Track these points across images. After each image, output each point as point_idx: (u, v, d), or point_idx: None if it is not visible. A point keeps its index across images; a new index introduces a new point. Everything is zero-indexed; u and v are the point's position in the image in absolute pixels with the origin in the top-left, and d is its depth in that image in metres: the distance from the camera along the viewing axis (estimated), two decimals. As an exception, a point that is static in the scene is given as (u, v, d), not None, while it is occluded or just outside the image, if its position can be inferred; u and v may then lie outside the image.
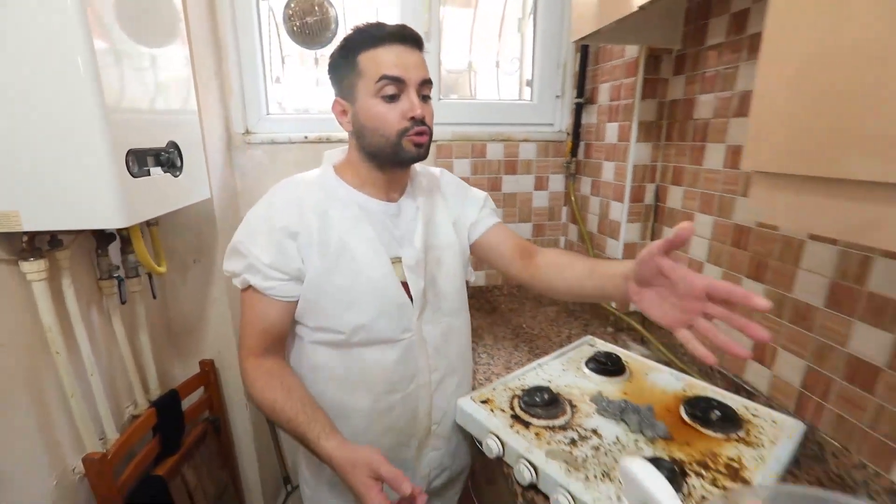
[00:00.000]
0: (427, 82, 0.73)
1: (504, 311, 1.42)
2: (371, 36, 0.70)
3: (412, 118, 0.71)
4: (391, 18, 1.38)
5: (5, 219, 0.68)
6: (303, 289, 0.74)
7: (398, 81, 0.70)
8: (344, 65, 0.73)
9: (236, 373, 1.35)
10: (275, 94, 1.40)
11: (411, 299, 0.79)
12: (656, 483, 0.41)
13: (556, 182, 1.49)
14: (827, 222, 0.48)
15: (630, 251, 1.25)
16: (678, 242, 0.56)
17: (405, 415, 0.82)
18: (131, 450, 0.99)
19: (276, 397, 0.70)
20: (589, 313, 1.40)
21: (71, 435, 0.88)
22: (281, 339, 0.77)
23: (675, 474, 0.67)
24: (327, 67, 0.77)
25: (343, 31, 1.39)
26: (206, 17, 1.20)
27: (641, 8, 0.78)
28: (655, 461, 0.68)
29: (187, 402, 1.19)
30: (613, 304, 1.29)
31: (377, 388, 0.79)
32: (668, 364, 1.05)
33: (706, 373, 1.03)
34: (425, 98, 0.74)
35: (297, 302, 0.75)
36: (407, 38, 0.71)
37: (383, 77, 0.69)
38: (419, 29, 1.33)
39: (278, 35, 1.37)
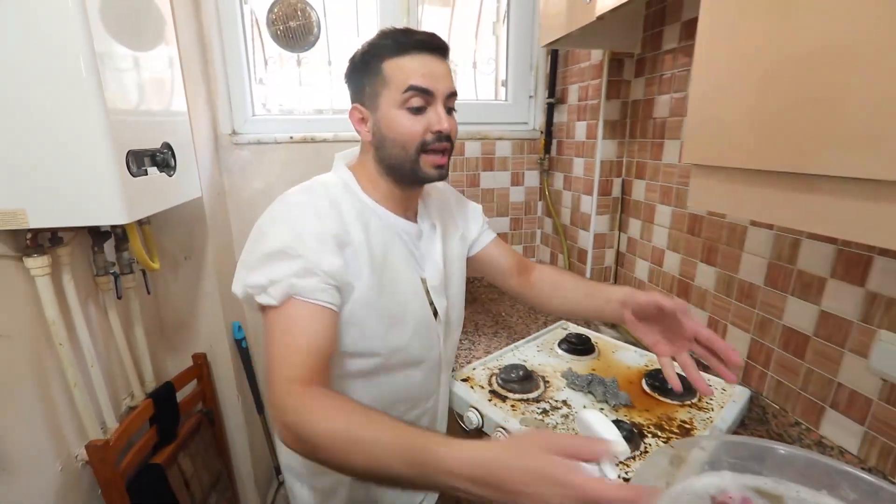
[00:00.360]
0: (453, 94, 0.70)
1: (484, 300, 1.50)
2: (398, 43, 0.66)
3: (437, 132, 0.67)
4: (370, 21, 1.44)
5: (13, 217, 0.72)
6: (349, 306, 0.65)
7: (426, 93, 0.66)
8: (366, 71, 0.69)
9: (227, 367, 1.39)
10: (259, 96, 1.44)
11: (435, 317, 0.77)
12: (603, 424, 0.49)
13: (532, 178, 1.58)
14: (747, 206, 0.57)
15: (600, 241, 1.34)
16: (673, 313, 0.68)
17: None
18: (130, 439, 1.04)
19: (352, 419, 0.50)
20: (564, 301, 1.49)
21: (74, 424, 0.92)
22: (327, 363, 0.61)
23: (633, 434, 0.76)
24: (345, 71, 0.73)
25: (325, 35, 1.46)
26: (191, 21, 1.24)
27: (600, 18, 0.87)
28: (616, 423, 0.77)
29: (181, 395, 1.24)
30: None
31: (400, 407, 0.78)
32: (634, 344, 1.15)
33: (668, 350, 1.12)
34: (450, 111, 0.70)
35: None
36: (436, 47, 0.68)
37: (411, 87, 0.65)
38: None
39: (261, 38, 1.41)
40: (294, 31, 1.32)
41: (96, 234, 0.98)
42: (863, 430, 0.72)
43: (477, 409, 0.85)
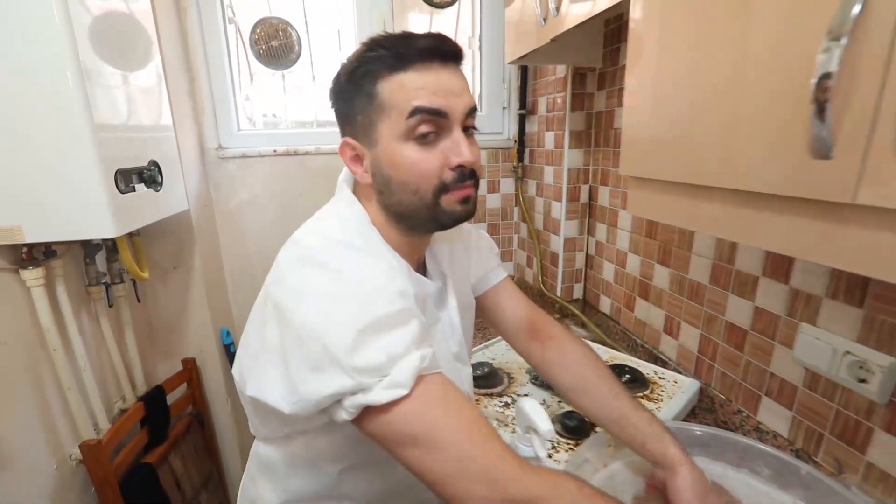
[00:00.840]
0: (473, 111, 0.54)
1: (463, 303, 1.57)
2: (396, 54, 0.49)
3: (459, 166, 0.51)
4: (349, 37, 1.51)
5: (9, 233, 0.79)
6: None
7: (438, 115, 0.50)
8: (356, 94, 0.52)
9: (216, 371, 1.45)
10: (245, 110, 1.51)
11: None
12: (535, 411, 0.56)
13: (507, 185, 1.65)
14: (674, 214, 0.64)
15: (570, 245, 1.41)
16: None
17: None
18: (122, 440, 1.10)
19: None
20: (538, 303, 1.56)
21: (68, 425, 0.98)
22: None
23: (583, 423, 0.82)
24: (331, 96, 0.57)
25: (307, 51, 1.53)
26: (177, 40, 1.31)
27: (553, 40, 0.94)
28: (568, 413, 0.84)
29: (172, 398, 1.29)
30: (558, 293, 1.46)
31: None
32: (602, 343, 1.22)
33: (632, 348, 1.19)
34: (469, 130, 0.54)
35: None
36: (447, 53, 0.51)
37: (417, 111, 0.49)
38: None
39: (246, 54, 1.48)
40: (276, 50, 1.39)
41: (88, 247, 1.04)
42: (791, 415, 0.78)
43: None
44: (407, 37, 0.50)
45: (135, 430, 1.16)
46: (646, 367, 1.02)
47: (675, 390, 0.94)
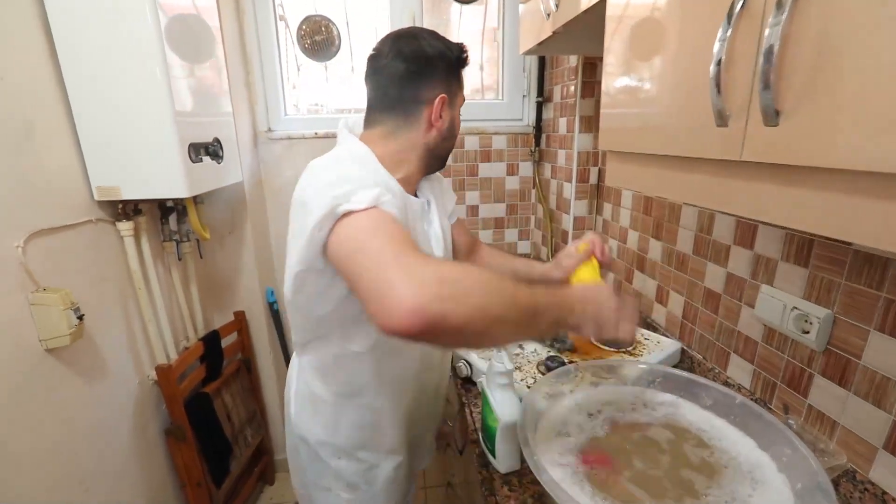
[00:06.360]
0: None
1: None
2: (464, 60, 0.78)
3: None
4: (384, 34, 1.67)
5: (112, 191, 1.01)
6: None
7: None
8: (455, 73, 0.77)
9: (261, 324, 1.68)
10: (291, 98, 1.71)
11: None
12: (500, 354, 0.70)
13: (525, 168, 1.77)
14: (646, 183, 0.75)
15: (579, 223, 1.52)
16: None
17: (434, 374, 0.92)
18: (185, 371, 1.33)
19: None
20: (550, 277, 1.68)
21: (147, 351, 1.22)
22: None
23: (563, 364, 0.95)
24: (436, 61, 0.74)
25: (347, 45, 1.71)
26: (236, 37, 1.52)
27: (555, 32, 1.06)
28: (552, 358, 0.97)
29: (225, 343, 1.52)
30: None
31: (418, 365, 0.84)
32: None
33: (628, 316, 1.30)
34: None
35: None
36: None
37: (464, 98, 0.81)
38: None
39: (294, 48, 1.68)
40: (319, 45, 1.58)
41: (164, 209, 1.27)
42: (752, 368, 0.88)
43: (467, 361, 1.06)
44: (465, 50, 0.79)
45: (195, 364, 1.40)
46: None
47: (656, 349, 1.05)
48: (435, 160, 0.79)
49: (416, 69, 0.73)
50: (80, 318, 0.89)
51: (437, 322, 0.46)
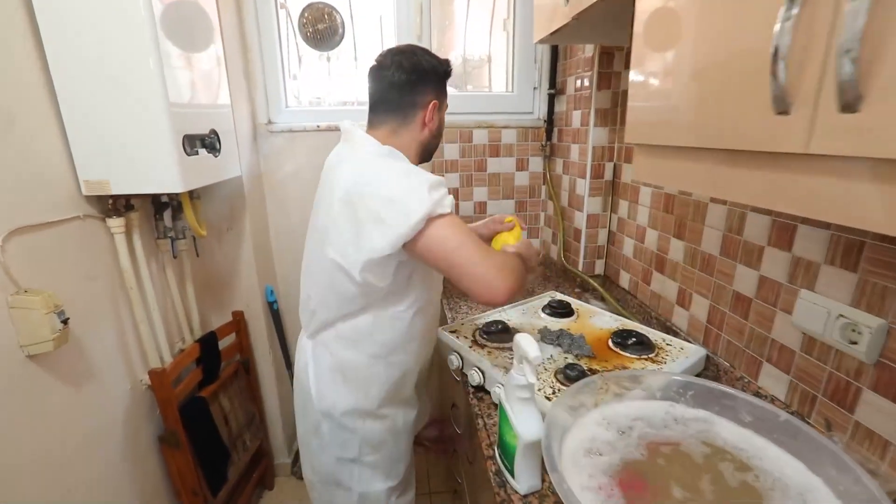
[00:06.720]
0: None
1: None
2: (449, 74, 0.97)
3: None
4: (389, 23, 1.61)
5: (100, 185, 0.95)
6: None
7: None
8: (443, 84, 0.95)
9: (260, 324, 1.62)
10: (292, 89, 1.64)
11: None
12: (527, 342, 0.63)
13: (536, 163, 1.70)
14: (666, 176, 0.69)
15: (593, 221, 1.45)
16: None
17: (434, 334, 1.09)
18: (181, 374, 1.27)
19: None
20: (561, 277, 1.61)
21: (139, 354, 1.16)
22: None
23: (584, 375, 0.89)
24: (429, 72, 0.91)
25: (350, 34, 1.64)
26: (235, 25, 1.45)
27: (576, 18, 0.99)
28: (572, 366, 0.91)
29: (223, 344, 1.46)
30: (580, 269, 1.50)
31: (435, 318, 1.05)
32: (618, 314, 1.26)
33: (646, 320, 1.23)
34: None
35: None
36: None
37: (447, 105, 0.99)
38: (412, 33, 1.55)
39: (296, 37, 1.61)
40: (322, 33, 1.51)
41: (158, 204, 1.21)
42: (788, 379, 0.82)
43: (459, 354, 1.01)
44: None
45: (191, 367, 1.34)
46: (655, 335, 1.06)
47: (680, 355, 0.98)
48: (426, 154, 0.97)
49: (414, 79, 0.90)
50: (65, 321, 0.83)
51: (513, 295, 0.79)
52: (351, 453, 0.97)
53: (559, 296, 1.32)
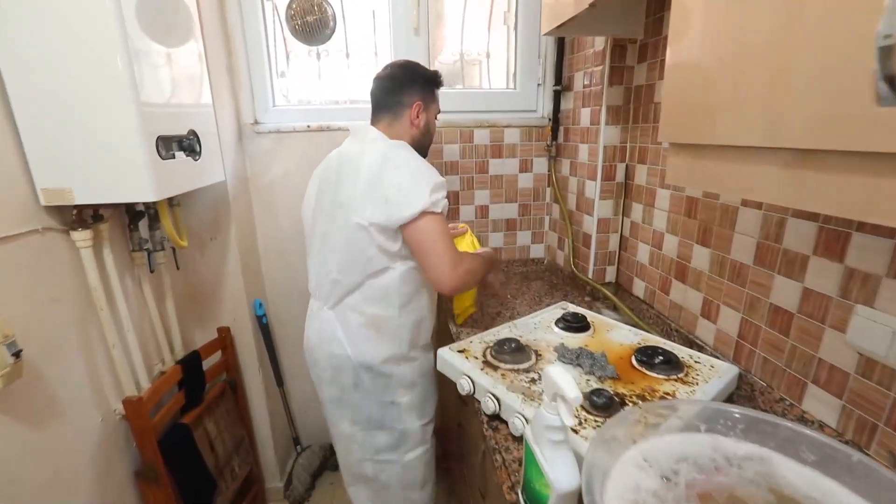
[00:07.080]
0: None
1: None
2: (440, 83, 1.15)
3: None
4: (383, 17, 1.50)
5: (61, 194, 0.83)
6: None
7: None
8: (431, 89, 1.12)
9: (249, 340, 1.50)
10: (280, 87, 1.53)
11: None
12: (562, 377, 0.54)
13: (540, 164, 1.61)
14: (711, 181, 0.60)
15: (604, 226, 1.36)
16: None
17: None
18: (160, 400, 1.15)
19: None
20: (569, 285, 1.52)
21: (112, 382, 1.04)
22: None
23: (612, 402, 0.80)
24: (416, 77, 1.09)
25: (342, 27, 1.53)
26: (216, 18, 1.34)
27: (592, 5, 0.90)
28: (597, 391, 0.81)
29: (207, 363, 1.35)
30: (590, 276, 1.42)
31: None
32: (636, 326, 1.17)
33: (666, 332, 1.15)
34: None
35: None
36: None
37: (439, 111, 1.17)
38: (409, 26, 1.45)
39: (283, 32, 1.50)
40: (311, 26, 1.40)
41: (132, 213, 1.09)
42: (841, 404, 0.73)
43: (469, 377, 0.91)
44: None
45: (172, 391, 1.22)
46: (681, 351, 0.98)
47: (712, 375, 0.90)
48: (419, 150, 1.08)
49: (400, 82, 1.08)
50: (17, 353, 0.72)
51: (458, 292, 1.07)
52: (390, 396, 1.11)
53: (572, 307, 1.23)
